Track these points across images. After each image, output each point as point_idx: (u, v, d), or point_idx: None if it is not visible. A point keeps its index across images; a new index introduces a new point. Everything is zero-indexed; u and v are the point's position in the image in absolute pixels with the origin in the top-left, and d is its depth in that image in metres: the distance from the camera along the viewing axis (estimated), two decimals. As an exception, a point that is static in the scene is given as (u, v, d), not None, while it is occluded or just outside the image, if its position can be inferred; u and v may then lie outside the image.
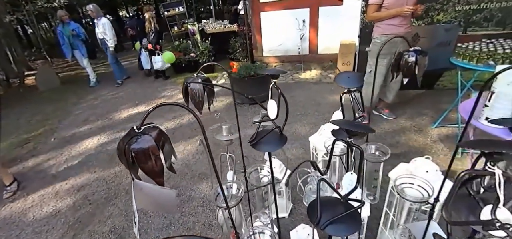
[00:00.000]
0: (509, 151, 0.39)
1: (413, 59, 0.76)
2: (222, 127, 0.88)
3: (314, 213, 0.52)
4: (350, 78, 0.74)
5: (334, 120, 0.53)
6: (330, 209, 0.53)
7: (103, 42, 6.05)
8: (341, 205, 0.53)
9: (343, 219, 0.50)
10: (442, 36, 3.44)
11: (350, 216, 0.51)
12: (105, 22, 5.82)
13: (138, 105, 4.97)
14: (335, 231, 0.50)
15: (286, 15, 5.32)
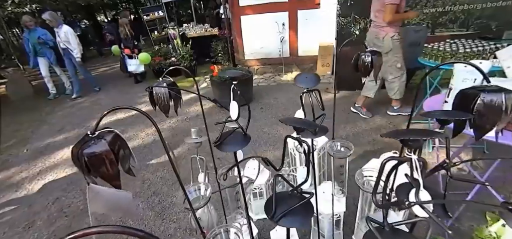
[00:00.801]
0: (422, 137, 0.43)
1: (369, 59, 0.81)
2: (191, 130, 0.90)
3: (270, 208, 0.55)
4: (308, 79, 0.78)
5: (282, 118, 0.56)
6: (286, 203, 0.55)
7: (66, 53, 5.46)
8: (296, 198, 0.57)
9: (296, 211, 0.53)
10: (412, 37, 3.63)
11: (304, 208, 0.54)
12: (68, 30, 5.32)
13: (117, 111, 4.84)
14: (289, 223, 0.53)
15: (266, 19, 5.39)
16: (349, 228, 1.89)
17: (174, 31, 6.42)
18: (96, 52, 13.16)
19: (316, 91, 0.82)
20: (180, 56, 5.99)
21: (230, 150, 0.67)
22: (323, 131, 0.72)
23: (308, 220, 0.55)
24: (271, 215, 0.54)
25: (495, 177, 2.27)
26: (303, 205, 0.53)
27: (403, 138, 0.45)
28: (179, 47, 6.17)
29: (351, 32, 3.93)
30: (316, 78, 0.79)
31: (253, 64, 6.03)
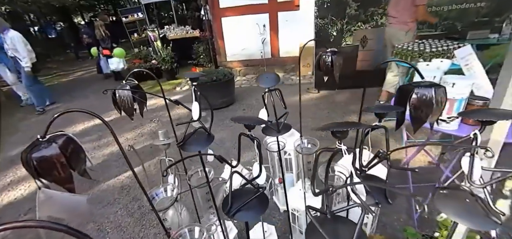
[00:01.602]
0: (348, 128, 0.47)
1: (330, 59, 0.85)
2: (159, 132, 0.90)
3: (226, 204, 0.57)
4: (268, 78, 0.81)
5: (233, 117, 0.58)
6: (242, 199, 0.58)
7: (16, 61, 4.82)
8: (251, 194, 0.59)
9: (251, 205, 0.56)
10: (386, 37, 3.78)
11: (259, 202, 0.56)
12: (14, 36, 4.59)
13: (94, 117, 4.69)
14: (243, 217, 0.55)
15: (247, 20, 5.43)
16: (327, 224, 1.95)
17: (154, 33, 6.31)
18: (73, 55, 12.66)
19: (277, 90, 0.85)
20: (160, 58, 5.89)
21: (194, 150, 0.68)
22: (286, 128, 0.75)
23: (261, 213, 0.57)
24: (226, 211, 0.56)
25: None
26: (258, 199, 0.56)
27: (331, 130, 0.48)
28: (159, 49, 6.07)
29: (329, 33, 4.04)
30: (276, 78, 0.82)
31: (235, 66, 6.04)
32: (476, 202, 0.46)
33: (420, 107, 0.50)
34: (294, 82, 5.37)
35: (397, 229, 1.94)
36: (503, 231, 1.82)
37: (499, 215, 0.44)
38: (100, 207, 2.53)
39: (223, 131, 3.68)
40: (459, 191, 0.48)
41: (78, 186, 1.98)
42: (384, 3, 3.64)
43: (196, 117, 0.69)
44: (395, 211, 2.07)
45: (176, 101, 0.82)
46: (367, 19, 3.73)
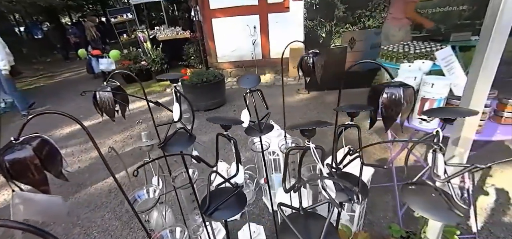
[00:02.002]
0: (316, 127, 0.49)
1: (311, 61, 0.87)
2: (142, 134, 0.90)
3: (204, 204, 0.57)
4: (249, 80, 0.82)
5: (210, 117, 0.59)
6: (221, 198, 0.59)
7: None
8: (229, 192, 0.60)
9: (229, 204, 0.57)
10: (373, 39, 3.87)
11: (237, 201, 0.57)
12: None
13: (82, 119, 4.60)
14: (220, 216, 0.56)
15: (238, 21, 5.44)
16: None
17: (143, 34, 6.24)
18: (61, 56, 12.36)
19: (258, 91, 0.87)
20: (150, 59, 5.83)
21: (175, 151, 0.69)
22: (268, 129, 0.76)
23: (239, 211, 0.58)
24: (204, 210, 0.57)
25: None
26: (236, 198, 0.57)
27: (299, 129, 0.50)
28: (149, 50, 6.00)
29: (318, 35, 4.09)
30: (257, 79, 0.84)
31: (226, 67, 6.04)
32: (440, 196, 0.48)
33: (390, 106, 0.52)
34: (285, 83, 5.41)
35: (383, 226, 1.99)
36: (484, 226, 1.89)
37: (463, 208, 0.46)
38: (87, 211, 2.48)
39: (214, 133, 3.66)
40: (426, 186, 0.50)
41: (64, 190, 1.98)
42: (371, 6, 3.72)
43: (176, 118, 0.69)
44: (381, 209, 2.12)
45: (157, 103, 0.82)
46: (355, 21, 3.80)
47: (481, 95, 0.62)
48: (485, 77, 0.60)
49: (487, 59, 0.59)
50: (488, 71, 0.59)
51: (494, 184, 2.22)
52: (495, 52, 0.58)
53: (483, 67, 0.59)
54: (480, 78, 0.60)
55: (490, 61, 0.59)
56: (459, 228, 1.85)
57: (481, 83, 0.61)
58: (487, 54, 0.59)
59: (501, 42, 0.57)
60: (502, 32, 0.56)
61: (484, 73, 0.60)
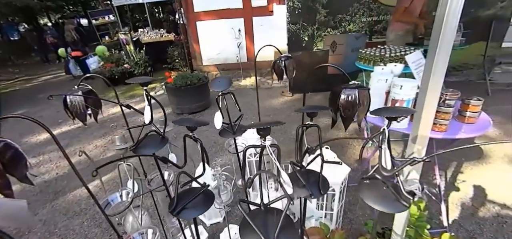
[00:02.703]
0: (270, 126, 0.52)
1: (283, 64, 0.91)
2: (115, 137, 0.89)
3: (172, 204, 0.59)
4: (221, 82, 0.85)
5: (175, 120, 0.61)
6: (188, 198, 0.60)
7: None
8: (197, 193, 0.62)
9: (196, 203, 0.58)
10: (354, 43, 3.99)
11: (204, 199, 0.59)
12: None
13: (61, 123, 4.45)
14: (187, 215, 0.57)
15: (222, 24, 5.45)
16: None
17: (125, 36, 6.12)
18: (39, 59, 11.85)
19: (230, 94, 0.89)
20: (133, 62, 5.73)
21: (146, 153, 0.70)
22: (241, 131, 0.78)
23: (206, 209, 0.60)
24: (171, 210, 0.59)
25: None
26: (203, 196, 0.58)
27: (256, 127, 0.53)
28: (132, 53, 5.90)
29: (301, 38, 4.18)
30: (229, 81, 0.86)
31: (211, 70, 6.03)
32: (389, 189, 0.52)
33: (347, 107, 0.56)
34: (270, 85, 5.47)
35: (362, 224, 2.05)
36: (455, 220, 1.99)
37: (409, 199, 0.51)
38: (65, 219, 2.41)
39: (199, 136, 3.66)
40: (378, 181, 0.54)
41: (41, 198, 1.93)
42: (352, 11, 3.84)
43: (147, 120, 0.70)
44: (361, 207, 2.19)
45: (128, 106, 0.82)
46: (336, 25, 3.91)
47: (433, 97, 0.67)
48: (435, 81, 0.66)
49: (436, 64, 0.64)
50: (437, 76, 0.65)
51: (465, 180, 2.35)
52: (443, 58, 0.63)
53: (433, 72, 0.65)
54: (431, 82, 0.66)
55: (439, 66, 0.65)
56: (431, 223, 1.95)
57: (432, 86, 0.66)
58: (436, 60, 0.64)
59: (447, 50, 0.62)
60: (447, 41, 0.61)
61: (434, 77, 0.65)
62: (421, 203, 1.50)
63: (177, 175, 0.62)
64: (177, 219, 0.97)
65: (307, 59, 4.17)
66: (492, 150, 2.71)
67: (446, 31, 0.59)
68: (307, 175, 0.64)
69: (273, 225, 0.48)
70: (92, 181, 2.83)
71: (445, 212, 2.01)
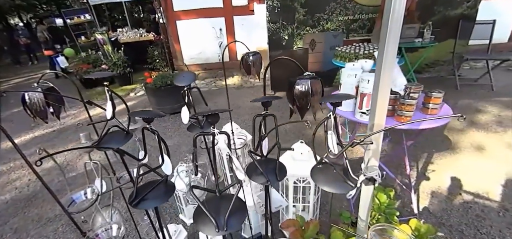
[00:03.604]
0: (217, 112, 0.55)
1: (251, 59, 0.93)
2: (80, 135, 0.88)
3: (131, 196, 0.60)
4: (185, 77, 0.86)
5: (134, 112, 0.62)
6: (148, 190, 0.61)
7: None
8: (160, 185, 0.63)
9: (157, 194, 0.59)
10: (332, 41, 4.10)
11: (164, 191, 0.60)
12: None
13: (34, 128, 4.24)
14: (146, 205, 0.58)
15: (203, 24, 5.42)
16: (276, 218, 2.06)
17: (102, 36, 5.93)
18: (10, 61, 11.18)
19: (196, 88, 0.90)
20: (111, 63, 5.56)
21: (110, 148, 0.69)
22: (209, 124, 0.80)
23: (165, 200, 0.61)
24: (130, 201, 0.59)
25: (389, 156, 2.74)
26: (163, 188, 0.59)
27: (202, 115, 0.55)
28: (110, 53, 5.72)
29: (281, 37, 4.23)
30: (193, 76, 0.87)
31: (193, 70, 5.97)
32: (337, 172, 0.56)
33: (301, 96, 0.58)
34: (253, 84, 5.50)
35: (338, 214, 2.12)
36: (425, 207, 2.11)
37: (355, 180, 0.54)
38: (38, 226, 2.31)
39: (179, 137, 3.62)
40: (329, 165, 0.58)
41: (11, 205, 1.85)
42: (328, 10, 3.95)
43: (109, 116, 0.70)
44: (338, 199, 2.26)
45: (89, 102, 0.81)
46: (315, 24, 4.00)
47: (385, 86, 0.72)
48: (387, 71, 0.70)
49: (386, 54, 0.69)
50: (388, 66, 0.69)
51: (435, 170, 2.48)
52: (392, 49, 0.68)
53: (384, 62, 0.69)
54: (383, 72, 0.70)
55: (389, 57, 0.69)
56: (403, 211, 2.05)
57: (384, 76, 0.71)
58: (386, 51, 0.68)
59: (395, 40, 0.67)
60: (395, 32, 0.66)
61: (385, 67, 0.70)
62: (391, 192, 1.57)
63: (138, 168, 0.62)
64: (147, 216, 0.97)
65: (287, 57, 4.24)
66: (459, 141, 2.88)
67: (393, 23, 0.64)
68: (266, 163, 0.67)
69: (225, 210, 0.50)
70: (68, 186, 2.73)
71: (416, 200, 2.13)
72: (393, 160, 2.60)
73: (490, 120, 3.24)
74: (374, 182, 0.85)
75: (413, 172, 2.48)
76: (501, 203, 2.01)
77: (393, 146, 2.95)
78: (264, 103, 0.65)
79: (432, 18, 3.92)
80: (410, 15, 3.76)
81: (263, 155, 0.65)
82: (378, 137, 0.80)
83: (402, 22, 0.66)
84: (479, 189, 2.16)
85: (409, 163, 2.60)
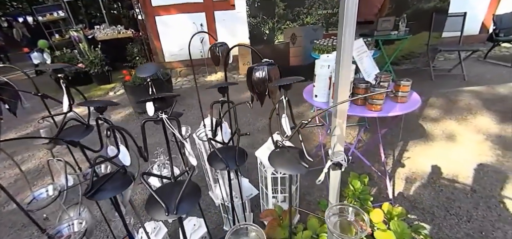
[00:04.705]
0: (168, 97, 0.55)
1: (218, 50, 0.93)
2: (40, 131, 0.85)
3: (88, 187, 0.59)
4: (147, 68, 0.85)
5: (81, 101, 0.60)
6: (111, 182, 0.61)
7: None
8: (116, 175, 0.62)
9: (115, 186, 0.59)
10: (312, 35, 4.15)
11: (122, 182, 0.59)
12: None
13: (6, 131, 4.03)
14: (101, 196, 0.58)
15: (183, 19, 5.32)
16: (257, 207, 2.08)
17: (78, 33, 5.70)
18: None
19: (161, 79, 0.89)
20: (88, 61, 5.36)
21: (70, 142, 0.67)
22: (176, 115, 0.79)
23: (123, 189, 0.61)
24: (85, 192, 0.58)
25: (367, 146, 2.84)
26: (121, 178, 0.59)
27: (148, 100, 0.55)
28: (86, 51, 5.51)
29: (262, 31, 4.23)
30: (155, 67, 0.86)
31: (175, 66, 5.86)
32: (292, 154, 0.57)
33: (259, 83, 0.59)
34: (236, 80, 5.48)
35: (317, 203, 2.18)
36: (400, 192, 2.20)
37: (309, 160, 0.56)
38: (11, 232, 2.21)
39: (161, 135, 3.56)
40: (285, 149, 0.59)
41: None
42: (308, 4, 3.98)
43: (65, 109, 0.68)
44: (319, 190, 2.31)
45: (44, 95, 0.78)
46: (295, 18, 4.03)
47: (346, 72, 0.74)
48: (346, 57, 0.72)
49: (344, 42, 0.71)
50: (346, 52, 0.71)
51: (410, 157, 2.59)
52: (349, 35, 0.70)
53: (343, 49, 0.71)
54: (343, 59, 0.72)
55: (347, 44, 0.71)
56: (379, 197, 2.13)
57: (344, 62, 0.73)
58: (344, 38, 0.70)
59: (351, 27, 0.69)
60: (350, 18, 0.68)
61: (344, 54, 0.72)
62: (365, 179, 1.63)
63: (94, 159, 0.61)
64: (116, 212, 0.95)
65: (269, 52, 4.25)
66: (432, 129, 3.01)
67: (348, 10, 0.65)
68: (227, 150, 0.67)
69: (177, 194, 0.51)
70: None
71: (391, 186, 2.21)
72: (371, 149, 2.69)
73: (461, 109, 3.41)
74: (340, 167, 0.88)
75: (390, 160, 2.57)
76: (469, 186, 2.13)
77: (371, 136, 3.04)
78: (220, 89, 0.65)
79: (407, 11, 4.05)
80: (384, 8, 3.86)
81: (224, 142, 0.65)
82: (342, 123, 0.82)
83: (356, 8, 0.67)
84: (450, 174, 2.28)
85: (384, 151, 2.70)
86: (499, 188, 2.08)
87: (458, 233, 1.74)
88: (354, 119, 3.46)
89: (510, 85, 3.99)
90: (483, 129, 2.91)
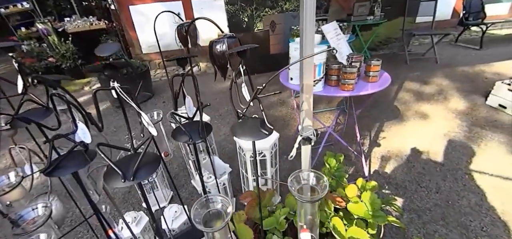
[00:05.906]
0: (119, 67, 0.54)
1: (184, 30, 0.91)
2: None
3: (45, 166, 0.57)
4: (107, 47, 0.82)
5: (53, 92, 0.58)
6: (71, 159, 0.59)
7: None
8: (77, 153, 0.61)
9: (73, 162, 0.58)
10: (291, 22, 4.15)
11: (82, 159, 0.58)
12: None
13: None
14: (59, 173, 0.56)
15: (159, 8, 5.13)
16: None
17: (45, 26, 5.36)
18: None
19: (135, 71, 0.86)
20: (59, 55, 5.08)
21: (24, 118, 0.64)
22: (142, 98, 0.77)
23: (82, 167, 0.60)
24: (43, 170, 0.56)
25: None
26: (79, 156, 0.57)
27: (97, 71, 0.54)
28: (56, 45, 5.21)
29: (241, 19, 4.19)
30: (116, 46, 0.84)
31: (153, 58, 5.68)
32: (254, 123, 0.58)
33: (219, 56, 0.59)
34: (217, 70, 5.41)
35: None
36: (375, 170, 2.29)
37: (270, 128, 0.57)
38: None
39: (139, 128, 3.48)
40: (247, 118, 0.60)
41: None
42: (286, -10, 3.98)
43: (20, 90, 0.64)
44: (299, 173, 2.36)
45: None
46: (273, 5, 4.01)
47: (309, 48, 0.75)
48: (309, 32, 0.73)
49: (306, 20, 0.72)
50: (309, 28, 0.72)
51: (385, 137, 2.70)
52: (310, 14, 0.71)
53: (305, 27, 0.72)
54: (305, 34, 0.73)
55: (308, 22, 0.72)
56: (357, 175, 2.21)
57: (307, 37, 0.74)
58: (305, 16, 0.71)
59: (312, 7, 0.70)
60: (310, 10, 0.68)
61: (307, 30, 0.73)
62: (341, 157, 1.68)
63: (51, 139, 0.58)
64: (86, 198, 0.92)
65: (249, 40, 4.22)
66: (406, 110, 3.15)
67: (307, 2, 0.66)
68: (192, 124, 0.67)
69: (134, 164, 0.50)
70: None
71: (367, 165, 2.31)
72: (349, 132, 2.77)
73: (433, 90, 3.57)
74: (310, 141, 0.90)
75: (366, 140, 2.66)
76: (439, 161, 2.26)
77: (349, 119, 3.14)
78: (179, 61, 0.65)
79: (382, -3, 4.14)
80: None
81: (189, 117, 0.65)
82: (309, 98, 0.84)
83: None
84: (421, 150, 2.40)
85: (362, 133, 2.80)
86: (465, 161, 2.22)
87: (427, 203, 1.85)
88: (333, 103, 3.54)
89: (478, 66, 4.22)
90: (453, 108, 3.08)
